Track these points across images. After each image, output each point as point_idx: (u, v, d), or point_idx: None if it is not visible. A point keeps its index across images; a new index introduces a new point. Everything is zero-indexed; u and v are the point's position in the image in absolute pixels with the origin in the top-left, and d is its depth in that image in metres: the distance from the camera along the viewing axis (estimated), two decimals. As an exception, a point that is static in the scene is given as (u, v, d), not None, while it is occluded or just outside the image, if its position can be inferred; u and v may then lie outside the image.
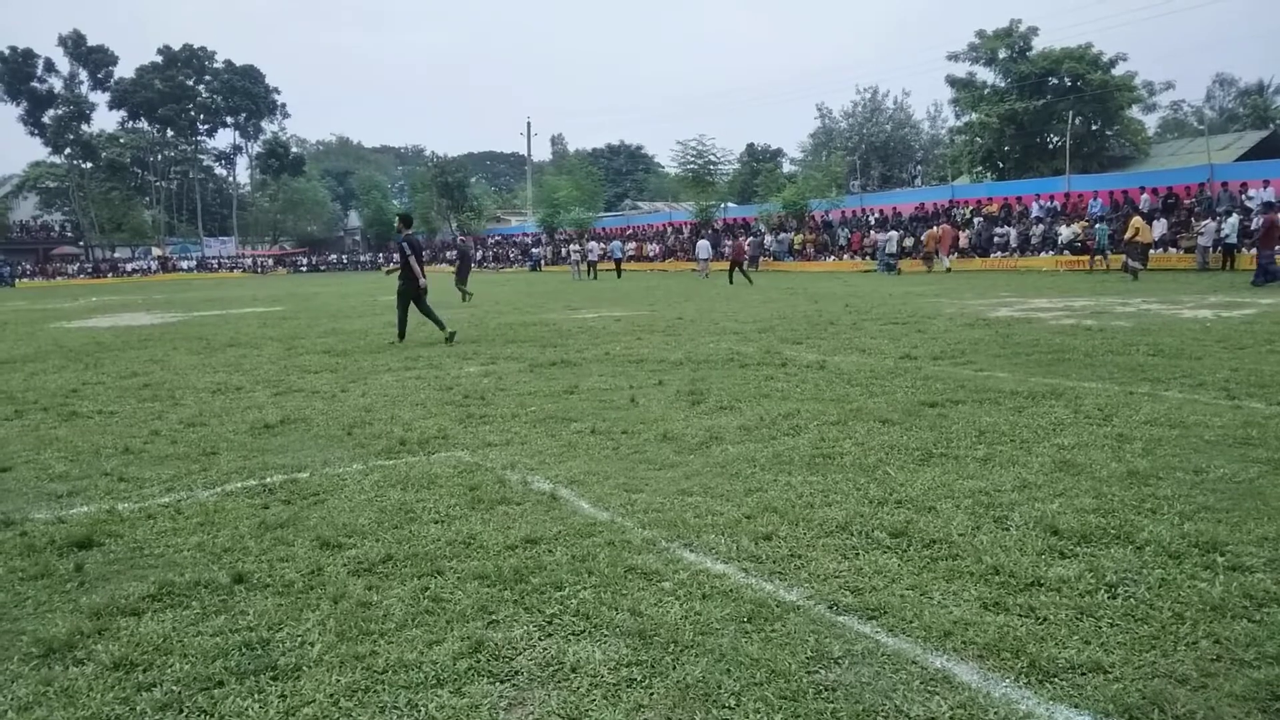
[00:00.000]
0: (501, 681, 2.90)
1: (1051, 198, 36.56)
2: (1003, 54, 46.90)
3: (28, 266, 68.54)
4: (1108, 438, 5.76)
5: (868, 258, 37.69)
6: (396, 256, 13.47)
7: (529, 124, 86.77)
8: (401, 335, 13.29)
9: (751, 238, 44.15)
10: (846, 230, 42.05)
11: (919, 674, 2.86)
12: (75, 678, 2.97)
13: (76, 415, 7.88)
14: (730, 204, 54.04)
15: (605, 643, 3.13)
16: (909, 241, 36.91)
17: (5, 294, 46.92)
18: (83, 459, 6.15)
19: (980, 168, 50.36)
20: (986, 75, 48.81)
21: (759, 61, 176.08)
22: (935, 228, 35.42)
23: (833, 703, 2.70)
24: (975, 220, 37.38)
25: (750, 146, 70.53)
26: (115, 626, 3.36)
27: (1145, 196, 32.56)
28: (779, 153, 71.10)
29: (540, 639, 3.18)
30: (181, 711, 2.76)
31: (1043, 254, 32.74)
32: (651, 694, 2.78)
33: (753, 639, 3.11)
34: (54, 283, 62.11)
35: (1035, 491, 4.66)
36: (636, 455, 5.77)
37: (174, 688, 2.89)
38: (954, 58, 48.80)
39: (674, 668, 2.93)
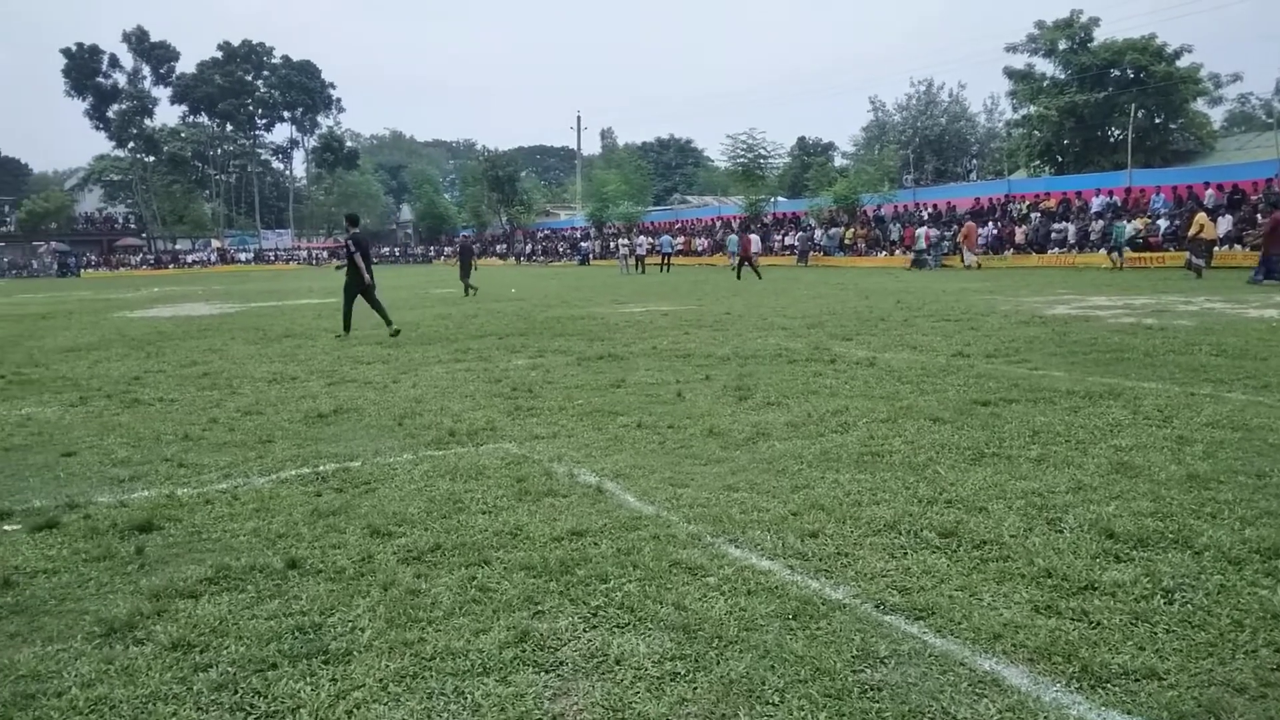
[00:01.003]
0: (546, 671, 2.92)
1: (1112, 193, 35.63)
2: (1063, 45, 45.76)
3: (93, 257, 70.72)
4: (1167, 440, 5.61)
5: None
6: (343, 254, 14.04)
7: (579, 118, 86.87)
8: (346, 329, 13.73)
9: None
10: (899, 225, 41.47)
11: (967, 676, 2.82)
12: (135, 657, 3.07)
13: (138, 402, 8.12)
14: (780, 198, 53.64)
15: (649, 636, 3.14)
16: (935, 236, 36.36)
17: (71, 284, 48.50)
18: (144, 445, 6.34)
19: (1038, 162, 49.26)
20: (1046, 67, 47.69)
21: (811, 54, 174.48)
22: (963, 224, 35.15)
23: (878, 702, 2.68)
24: (1032, 215, 36.61)
25: (801, 140, 69.87)
26: (174, 608, 3.46)
27: (1210, 192, 31.58)
28: (830, 146, 70.40)
29: (585, 630, 3.20)
30: (236, 692, 2.83)
31: (1102, 250, 31.93)
32: (695, 688, 2.79)
33: (797, 636, 3.10)
34: (118, 273, 63.96)
35: (1090, 493, 4.56)
36: (682, 450, 5.77)
37: (229, 669, 2.97)
38: (1012, 49, 47.76)
39: (718, 663, 2.93)
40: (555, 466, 5.44)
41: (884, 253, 40.23)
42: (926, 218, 40.55)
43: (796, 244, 44.10)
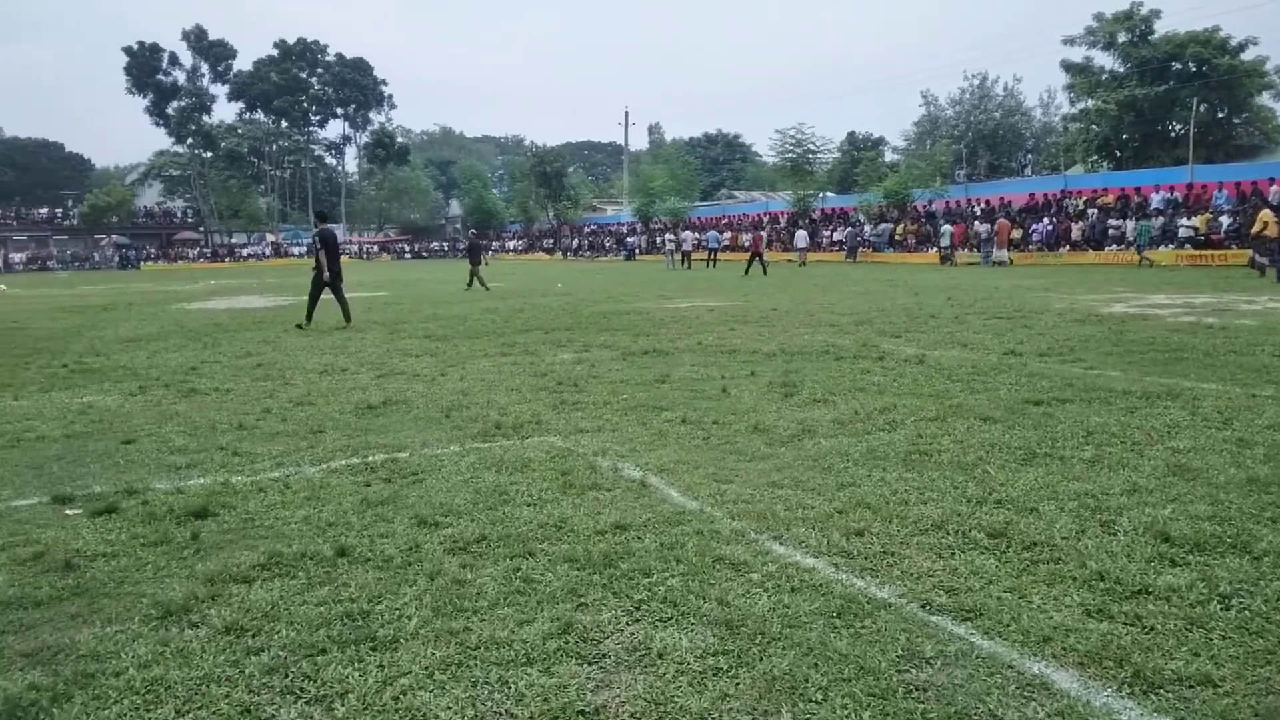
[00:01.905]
0: (589, 663, 2.94)
1: (1172, 189, 34.67)
2: (1122, 38, 44.54)
3: (152, 250, 72.59)
4: (1227, 442, 5.45)
5: (972, 249, 36.55)
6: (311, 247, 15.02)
7: (626, 113, 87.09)
8: (309, 318, 14.51)
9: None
10: (949, 221, 40.80)
11: (1015, 679, 2.77)
12: (190, 640, 3.15)
13: (195, 392, 8.33)
14: (829, 193, 53.10)
15: (692, 631, 3.14)
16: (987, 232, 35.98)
17: (131, 276, 49.85)
18: (200, 433, 6.50)
19: (1096, 157, 48.04)
20: (1105, 60, 46.45)
21: (861, 48, 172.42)
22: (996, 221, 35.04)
23: (923, 703, 2.65)
24: (1089, 212, 35.78)
25: (851, 134, 69.01)
26: (227, 593, 3.55)
27: (1275, 189, 30.55)
28: (880, 141, 69.35)
29: (628, 624, 3.21)
30: (287, 676, 2.89)
31: (1162, 248, 31.11)
32: (737, 684, 2.78)
33: (842, 635, 3.08)
34: (176, 266, 65.61)
35: (1146, 496, 4.46)
36: (727, 446, 5.75)
37: (280, 653, 3.03)
38: (1070, 42, 46.56)
39: (760, 659, 2.92)
40: (599, 460, 5.46)
41: (934, 248, 39.63)
42: (979, 213, 39.88)
43: (845, 240, 43.67)
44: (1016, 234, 35.94)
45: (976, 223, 37.72)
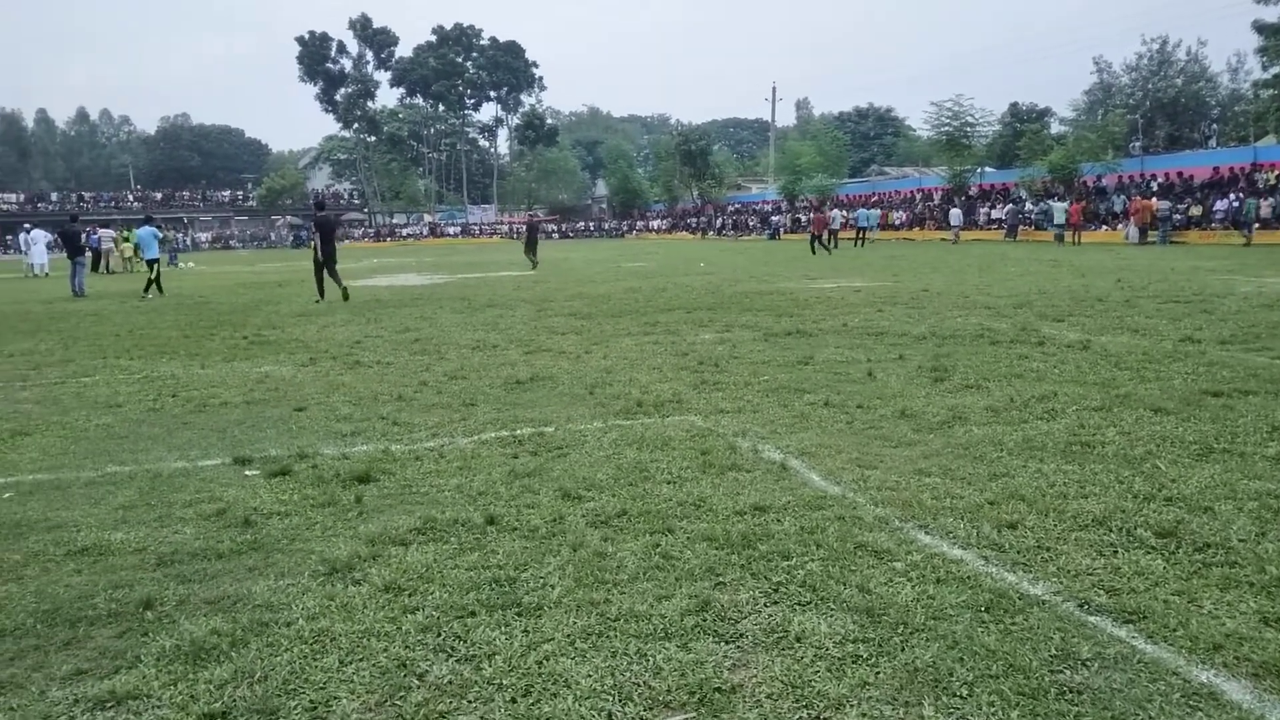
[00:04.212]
0: (726, 642, 2.96)
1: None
2: (1328, -8, 40.15)
3: (322, 230, 77.28)
4: None
5: (1150, 228, 34.11)
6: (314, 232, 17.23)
7: (774, 89, 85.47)
8: (321, 294, 16.44)
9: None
10: (1123, 196, 38.12)
11: (1180, 686, 2.60)
12: (353, 596, 3.37)
13: (359, 364, 8.85)
14: (988, 168, 50.60)
15: (831, 616, 3.10)
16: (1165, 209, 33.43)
17: (304, 255, 53.17)
18: (363, 403, 6.91)
19: (1292, 125, 43.66)
20: (1305, 18, 42.01)
21: (1027, 13, 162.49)
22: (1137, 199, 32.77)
23: (1077, 706, 2.52)
24: (1282, 186, 32.64)
25: (1013, 106, 65.41)
26: (387, 554, 3.77)
27: None
28: (1046, 112, 65.37)
29: (766, 605, 3.21)
30: (439, 635, 3.05)
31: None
32: (878, 672, 2.73)
33: (990, 630, 2.97)
34: (342, 245, 69.46)
35: (1341, 499, 4.06)
36: (872, 431, 5.62)
37: (434, 613, 3.20)
38: (1264, 0, 42.43)
39: (902, 649, 2.86)
40: (739, 441, 5.45)
41: (1105, 227, 37.15)
42: (1156, 189, 37.07)
43: (1005, 217, 41.54)
44: (1196, 211, 33.44)
45: (1155, 199, 35.06)
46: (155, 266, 19.35)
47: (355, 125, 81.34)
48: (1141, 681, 2.64)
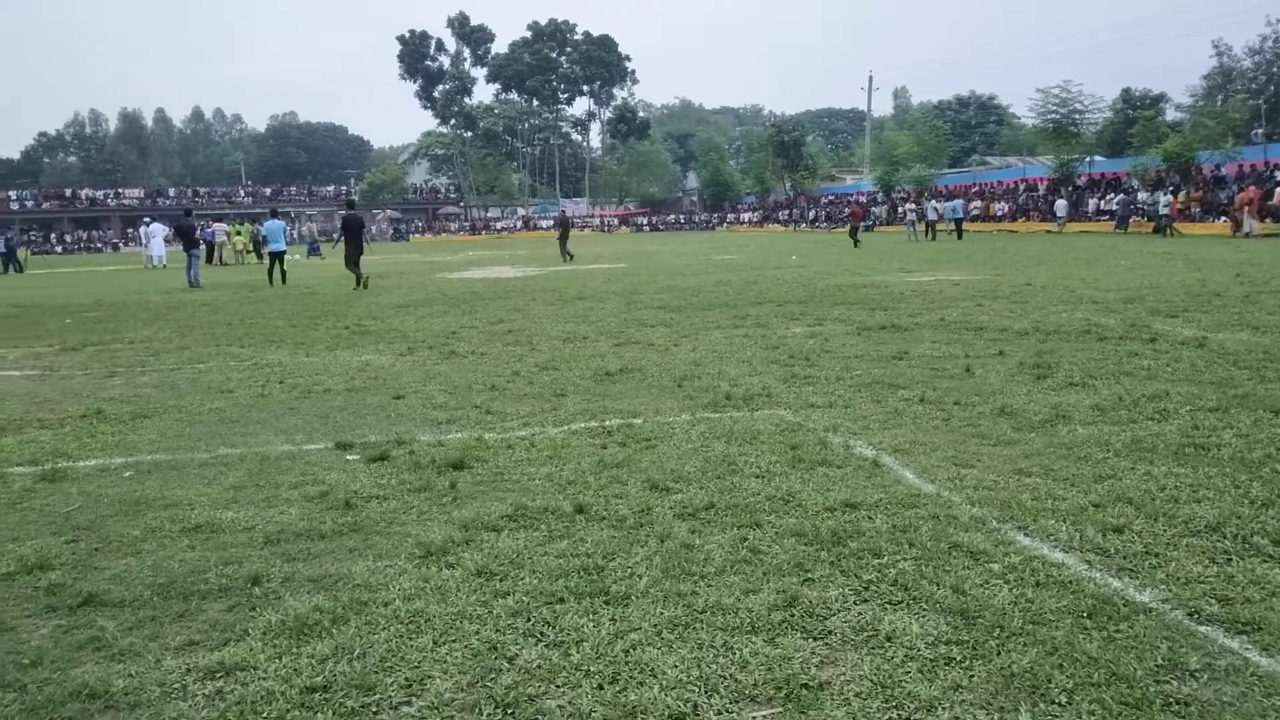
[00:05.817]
0: (814, 639, 2.92)
1: None
2: None
3: (420, 223, 79.52)
4: None
5: (1269, 220, 32.16)
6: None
7: (870, 78, 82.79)
8: (358, 283, 18.16)
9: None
10: (1238, 186, 35.94)
11: (1302, 706, 2.45)
12: (447, 579, 3.46)
13: (454, 354, 9.07)
14: (1097, 157, 48.42)
15: (923, 616, 3.03)
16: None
17: (403, 248, 54.88)
18: (458, 392, 7.08)
19: None
20: None
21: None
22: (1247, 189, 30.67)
23: (1184, 718, 2.41)
24: None
25: (1125, 92, 62.43)
26: (479, 539, 3.86)
27: None
28: (1161, 98, 62.18)
29: (855, 603, 3.16)
30: (529, 620, 3.11)
31: None
32: (971, 676, 2.66)
33: (1092, 636, 2.85)
34: (439, 238, 71.34)
35: None
36: (969, 428, 5.46)
37: (524, 598, 3.27)
38: None
39: (998, 653, 2.78)
40: (830, 436, 5.37)
41: (1223, 218, 35.15)
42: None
43: (1116, 208, 39.72)
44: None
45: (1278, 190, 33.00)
46: (283, 258, 20.67)
47: (452, 121, 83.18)
48: (1255, 696, 2.50)
